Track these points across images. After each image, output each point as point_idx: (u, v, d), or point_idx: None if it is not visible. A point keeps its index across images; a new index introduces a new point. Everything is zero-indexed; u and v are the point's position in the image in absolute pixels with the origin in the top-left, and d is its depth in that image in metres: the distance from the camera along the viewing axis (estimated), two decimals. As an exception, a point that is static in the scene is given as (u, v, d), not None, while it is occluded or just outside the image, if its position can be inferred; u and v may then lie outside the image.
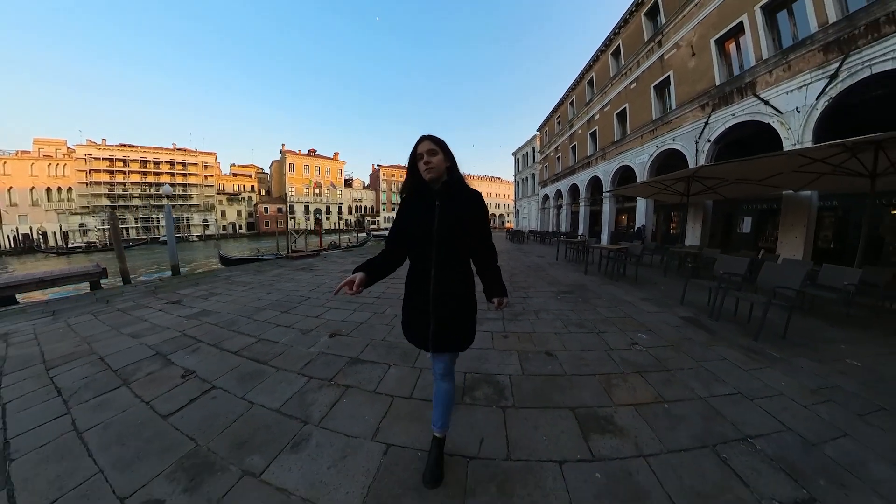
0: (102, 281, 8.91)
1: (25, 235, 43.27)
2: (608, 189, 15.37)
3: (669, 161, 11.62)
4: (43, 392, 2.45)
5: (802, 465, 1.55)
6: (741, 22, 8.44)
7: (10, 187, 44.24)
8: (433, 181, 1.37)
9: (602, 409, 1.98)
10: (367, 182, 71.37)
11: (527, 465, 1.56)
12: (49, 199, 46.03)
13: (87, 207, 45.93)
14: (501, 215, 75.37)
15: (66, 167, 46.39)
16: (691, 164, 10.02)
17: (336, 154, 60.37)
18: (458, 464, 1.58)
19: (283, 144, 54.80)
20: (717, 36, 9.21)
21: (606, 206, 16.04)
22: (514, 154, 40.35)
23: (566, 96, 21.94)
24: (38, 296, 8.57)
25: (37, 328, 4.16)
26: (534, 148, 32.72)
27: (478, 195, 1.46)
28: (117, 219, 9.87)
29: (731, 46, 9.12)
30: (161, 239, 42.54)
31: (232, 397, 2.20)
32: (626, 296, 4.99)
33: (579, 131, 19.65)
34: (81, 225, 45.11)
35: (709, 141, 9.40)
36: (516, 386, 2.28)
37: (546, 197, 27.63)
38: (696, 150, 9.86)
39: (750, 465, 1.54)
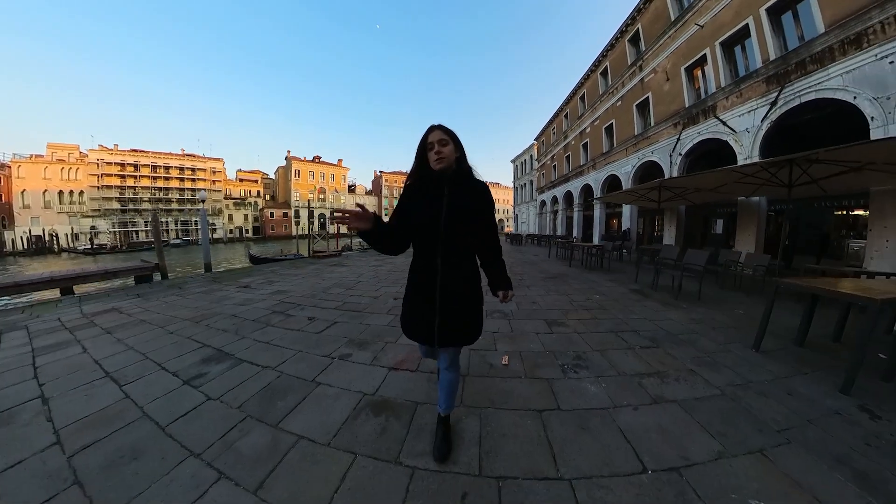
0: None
1: (38, 237, 44.40)
2: (596, 196, 16.83)
3: (650, 171, 13.08)
4: (209, 332, 3.51)
5: (660, 339, 2.94)
6: (704, 54, 9.96)
7: (24, 190, 45.53)
8: (443, 171, 1.38)
9: (560, 319, 3.58)
10: (369, 188, 73.06)
11: (521, 333, 3.14)
12: (61, 202, 47.31)
13: (98, 210, 47.27)
14: (501, 220, 76.96)
15: (78, 171, 47.73)
16: (666, 175, 11.46)
17: (340, 160, 62.10)
18: (489, 335, 3.06)
19: (288, 151, 56.51)
20: (687, 64, 10.74)
21: (597, 212, 17.49)
22: (513, 161, 41.97)
23: (561, 109, 23.56)
24: (88, 288, 9.59)
25: (138, 304, 5.07)
26: (531, 156, 34.32)
27: (485, 186, 1.48)
28: (159, 220, 11.17)
29: (698, 74, 10.64)
30: (172, 242, 43.90)
31: (353, 323, 3.59)
32: (595, 278, 6.48)
33: (573, 142, 21.21)
34: (92, 227, 46.39)
35: (680, 154, 10.86)
36: (514, 313, 3.87)
37: (543, 203, 29.13)
38: (671, 163, 11.32)
39: (632, 338, 2.99)
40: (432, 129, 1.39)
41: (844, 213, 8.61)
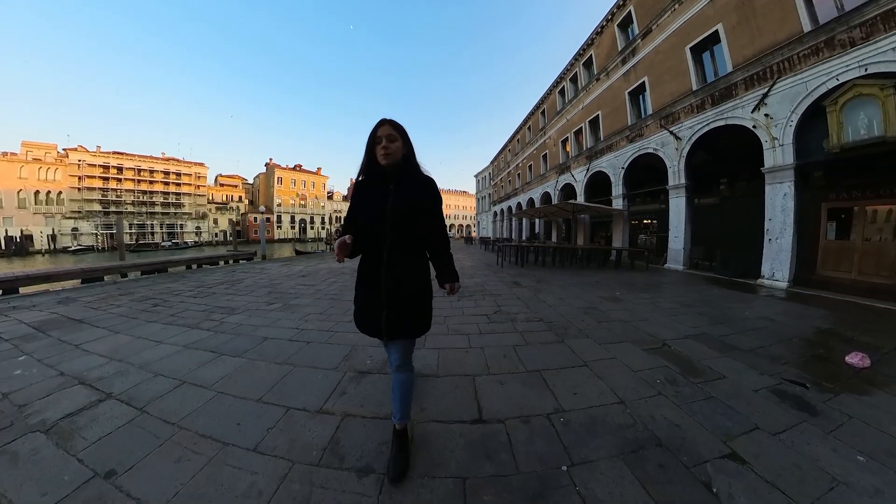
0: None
1: (11, 238, 44.44)
2: (522, 211, 24.65)
3: (547, 197, 20.89)
4: (332, 277, 10.33)
5: (482, 259, 10.15)
6: (568, 136, 17.83)
7: (-3, 189, 45.61)
8: (389, 166, 1.40)
9: (460, 258, 10.56)
10: (345, 194, 78.06)
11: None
12: (36, 202, 47.45)
13: (80, 212, 48.09)
14: (468, 226, 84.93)
15: (57, 171, 47.96)
16: (553, 202, 19.23)
17: (319, 169, 66.82)
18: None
19: (270, 159, 60.49)
20: (562, 139, 18.60)
21: (525, 222, 25.34)
22: (476, 175, 49.71)
23: (506, 144, 31.51)
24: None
25: (252, 269, 11.79)
26: (489, 174, 42.20)
27: (431, 182, 1.50)
28: (264, 220, 16.97)
29: (568, 144, 18.53)
30: (163, 245, 46.59)
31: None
32: (488, 253, 13.92)
33: (512, 170, 29.12)
34: (74, 229, 47.15)
35: (558, 190, 18.65)
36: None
37: (496, 213, 36.98)
38: (554, 194, 19.10)
39: (475, 258, 10.25)
40: (382, 123, 1.41)
41: (636, 222, 16.66)
